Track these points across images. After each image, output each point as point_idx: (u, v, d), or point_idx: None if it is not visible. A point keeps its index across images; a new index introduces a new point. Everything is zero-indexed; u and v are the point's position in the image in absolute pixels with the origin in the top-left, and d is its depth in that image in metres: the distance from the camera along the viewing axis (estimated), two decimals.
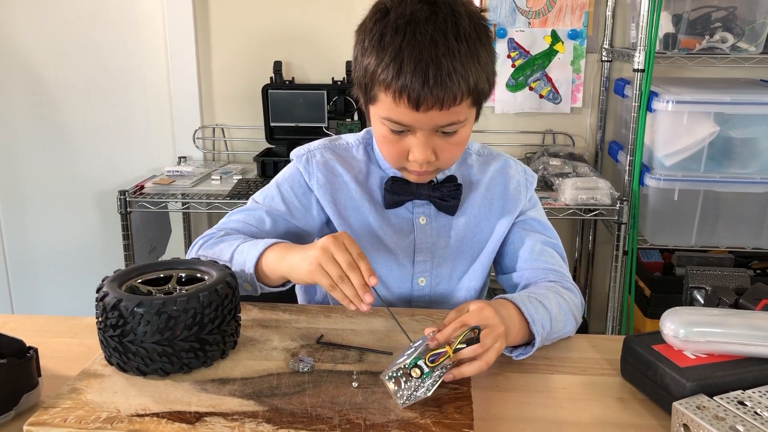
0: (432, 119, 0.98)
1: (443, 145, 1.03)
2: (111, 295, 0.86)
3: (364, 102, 1.06)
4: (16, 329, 1.03)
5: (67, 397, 0.80)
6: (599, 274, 2.64)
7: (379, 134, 1.06)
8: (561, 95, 2.47)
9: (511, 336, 0.93)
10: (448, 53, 0.94)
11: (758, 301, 0.96)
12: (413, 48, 0.94)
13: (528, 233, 1.18)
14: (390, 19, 0.97)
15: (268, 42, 2.50)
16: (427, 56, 0.93)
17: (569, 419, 0.84)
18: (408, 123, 0.99)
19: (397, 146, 1.04)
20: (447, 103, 0.95)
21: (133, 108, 2.61)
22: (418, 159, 1.02)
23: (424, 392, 0.79)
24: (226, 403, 0.80)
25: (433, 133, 1.01)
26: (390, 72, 0.95)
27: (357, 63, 1.03)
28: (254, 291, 1.06)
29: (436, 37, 0.94)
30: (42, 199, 2.73)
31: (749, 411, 0.76)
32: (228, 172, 2.37)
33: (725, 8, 2.12)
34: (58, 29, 2.55)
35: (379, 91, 0.99)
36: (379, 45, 0.97)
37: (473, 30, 0.97)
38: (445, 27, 0.95)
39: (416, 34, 0.94)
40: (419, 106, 0.95)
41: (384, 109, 1.00)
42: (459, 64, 0.95)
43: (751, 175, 2.05)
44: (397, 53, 0.95)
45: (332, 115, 2.39)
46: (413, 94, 0.94)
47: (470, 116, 1.03)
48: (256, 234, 1.15)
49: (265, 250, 1.04)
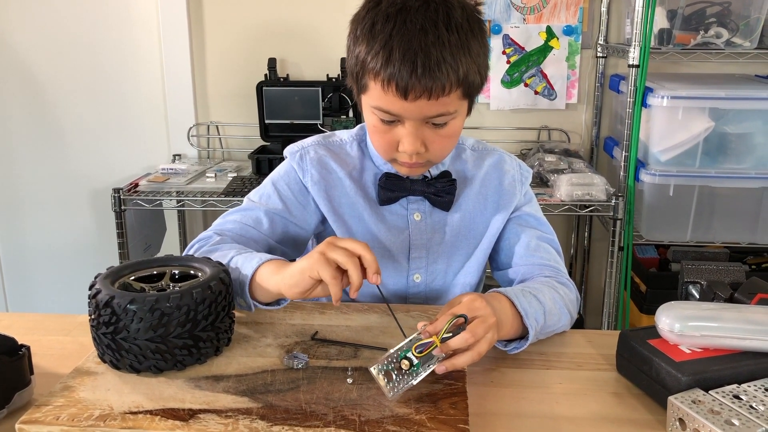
0: (420, 109, 0.97)
1: (433, 136, 1.02)
2: (104, 292, 0.85)
3: (356, 92, 1.06)
4: (9, 327, 1.02)
5: (60, 395, 0.80)
6: (595, 270, 2.65)
7: (370, 124, 1.06)
8: (556, 91, 2.47)
9: (504, 329, 0.93)
10: (437, 42, 0.94)
11: (753, 295, 0.96)
12: (403, 36, 0.94)
13: (523, 229, 1.17)
14: (381, 7, 0.97)
15: (263, 39, 2.49)
16: (416, 44, 0.93)
17: (565, 414, 0.83)
18: (397, 112, 0.99)
19: (386, 136, 1.03)
20: (435, 92, 0.95)
21: (127, 106, 2.61)
22: (407, 150, 1.02)
23: (411, 382, 0.80)
24: (220, 400, 0.79)
25: (423, 124, 1.01)
26: (379, 60, 0.95)
27: (349, 52, 1.03)
28: (247, 307, 1.01)
29: (426, 26, 0.94)
30: (36, 197, 2.72)
31: (744, 405, 0.76)
32: (223, 170, 2.37)
33: (720, 3, 2.12)
34: (51, 27, 2.54)
35: (369, 79, 0.99)
36: (370, 33, 0.97)
37: (465, 21, 0.97)
38: (436, 16, 0.95)
39: (406, 23, 0.94)
40: (407, 94, 0.95)
41: (374, 98, 1.00)
42: (449, 54, 0.94)
43: (746, 171, 2.06)
44: (387, 41, 0.95)
45: (327, 112, 2.38)
46: (401, 82, 0.94)
47: (461, 109, 1.03)
48: (254, 235, 1.13)
49: (260, 266, 0.99)
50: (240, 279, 0.99)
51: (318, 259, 0.89)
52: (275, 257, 1.01)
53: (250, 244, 1.12)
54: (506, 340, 0.96)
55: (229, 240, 1.11)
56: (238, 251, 1.04)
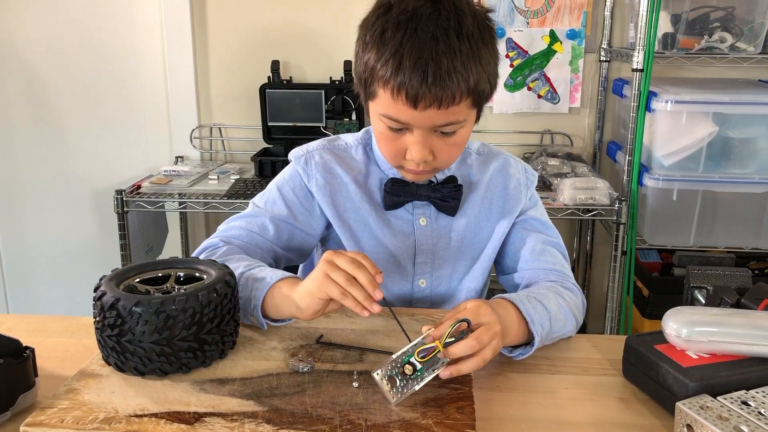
0: (430, 118, 0.97)
1: (441, 145, 1.02)
2: (109, 295, 0.85)
3: (363, 98, 1.05)
4: (12, 329, 1.02)
5: (64, 398, 0.79)
6: (597, 275, 2.64)
7: (377, 131, 1.05)
8: (559, 95, 2.47)
9: (510, 336, 0.92)
10: (448, 51, 0.93)
11: (760, 300, 0.96)
12: (413, 44, 0.93)
13: (529, 233, 1.17)
14: (392, 14, 0.96)
15: (266, 41, 2.49)
16: (427, 53, 0.92)
17: (571, 419, 0.83)
18: (406, 121, 0.98)
19: (394, 144, 1.03)
20: (446, 102, 0.94)
21: (130, 107, 2.60)
22: (415, 158, 1.01)
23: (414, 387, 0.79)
24: (226, 403, 0.79)
25: (431, 133, 1.00)
26: (389, 68, 0.94)
27: (358, 58, 1.02)
28: (260, 325, 0.99)
29: (437, 34, 0.93)
30: (39, 198, 2.71)
31: (753, 411, 0.75)
32: (225, 172, 2.36)
33: (724, 8, 2.12)
34: (54, 29, 2.54)
35: (378, 86, 0.98)
36: (380, 40, 0.96)
37: (476, 29, 0.96)
38: (447, 25, 0.94)
39: (417, 31, 0.93)
40: (417, 104, 0.94)
41: (382, 106, 0.99)
42: (459, 63, 0.93)
43: (750, 175, 2.05)
44: (397, 49, 0.93)
45: (330, 114, 2.38)
46: (411, 91, 0.93)
47: (470, 117, 1.02)
48: (260, 242, 1.12)
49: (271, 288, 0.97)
50: (251, 300, 0.97)
51: (323, 281, 0.88)
52: (284, 275, 0.98)
53: (256, 251, 1.12)
54: (512, 346, 0.96)
55: (236, 249, 1.10)
56: (247, 266, 1.02)
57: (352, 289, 0.87)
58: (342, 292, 0.87)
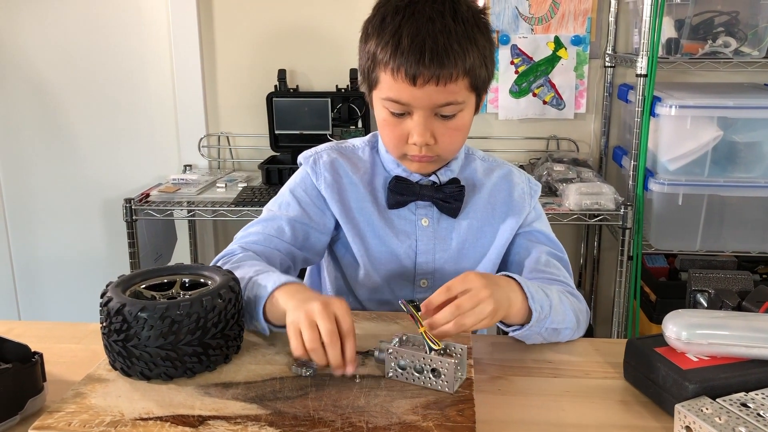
0: (429, 96, 1.00)
1: (442, 129, 1.05)
2: (115, 300, 0.86)
3: (367, 91, 1.09)
4: (22, 335, 1.04)
5: (72, 402, 0.81)
6: (604, 280, 2.64)
7: (380, 118, 1.08)
8: (564, 101, 2.47)
9: (513, 309, 0.95)
10: (444, 30, 0.98)
11: (761, 303, 0.96)
12: (411, 25, 0.99)
13: (534, 245, 1.18)
14: (391, 3, 1.02)
15: (273, 50, 2.51)
16: (424, 32, 0.98)
17: (572, 422, 0.84)
18: (406, 101, 1.02)
19: (396, 129, 1.06)
20: (443, 78, 0.98)
21: (138, 116, 2.63)
22: (417, 141, 1.04)
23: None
24: (230, 406, 0.80)
25: (432, 116, 1.04)
26: (389, 50, 0.99)
27: (361, 52, 1.07)
28: (262, 330, 0.98)
29: (433, 15, 0.99)
30: (48, 207, 2.74)
31: (752, 413, 0.76)
32: (233, 180, 2.39)
33: (728, 13, 2.12)
34: (63, 38, 2.57)
35: (380, 71, 1.03)
36: (380, 27, 1.02)
37: (471, 16, 1.02)
38: (443, 8, 1.00)
39: (415, 14, 0.99)
40: (416, 81, 0.99)
41: (384, 89, 1.03)
42: (455, 43, 0.99)
43: (756, 180, 2.05)
44: (396, 31, 0.99)
45: (336, 122, 2.40)
46: (410, 69, 0.98)
47: (469, 101, 1.05)
48: (278, 245, 1.14)
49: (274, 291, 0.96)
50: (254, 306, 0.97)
51: (293, 332, 0.86)
52: (287, 280, 0.97)
53: (275, 254, 1.13)
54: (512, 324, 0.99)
55: (252, 255, 1.10)
56: (256, 271, 1.01)
57: (314, 355, 0.84)
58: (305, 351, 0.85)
